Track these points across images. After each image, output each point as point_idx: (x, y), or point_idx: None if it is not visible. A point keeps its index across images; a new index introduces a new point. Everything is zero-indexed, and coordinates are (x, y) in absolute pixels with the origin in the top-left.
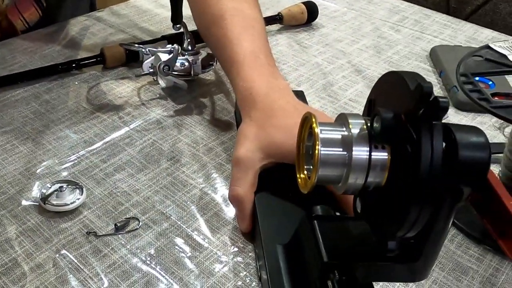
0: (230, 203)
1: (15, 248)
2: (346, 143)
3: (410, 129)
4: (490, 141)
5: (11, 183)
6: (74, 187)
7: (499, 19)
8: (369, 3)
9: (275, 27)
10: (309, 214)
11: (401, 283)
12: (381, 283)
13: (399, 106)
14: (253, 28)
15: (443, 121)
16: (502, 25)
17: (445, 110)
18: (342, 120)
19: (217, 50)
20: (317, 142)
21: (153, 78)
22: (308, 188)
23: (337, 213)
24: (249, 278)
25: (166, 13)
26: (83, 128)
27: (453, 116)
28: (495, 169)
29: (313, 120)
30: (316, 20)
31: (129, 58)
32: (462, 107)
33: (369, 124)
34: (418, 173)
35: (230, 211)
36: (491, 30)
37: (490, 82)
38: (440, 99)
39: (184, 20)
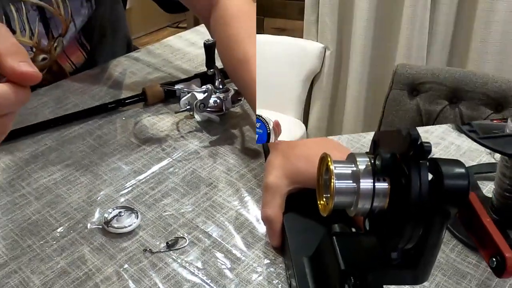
0: (262, 222)
1: (86, 264)
2: (355, 177)
3: (404, 166)
4: (487, 162)
5: (77, 210)
6: (130, 212)
7: None
8: None
9: None
10: (329, 231)
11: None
12: (391, 286)
13: (396, 147)
14: None
15: (435, 155)
16: None
17: (428, 152)
18: (351, 158)
19: (243, 89)
20: (333, 177)
21: (190, 114)
22: (326, 212)
23: (353, 229)
24: (280, 285)
25: (196, 50)
26: (132, 159)
27: (455, 139)
28: (491, 186)
29: (329, 159)
30: None
31: (167, 95)
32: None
33: (372, 161)
34: (410, 200)
35: (262, 229)
36: None
37: None
38: (425, 144)
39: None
